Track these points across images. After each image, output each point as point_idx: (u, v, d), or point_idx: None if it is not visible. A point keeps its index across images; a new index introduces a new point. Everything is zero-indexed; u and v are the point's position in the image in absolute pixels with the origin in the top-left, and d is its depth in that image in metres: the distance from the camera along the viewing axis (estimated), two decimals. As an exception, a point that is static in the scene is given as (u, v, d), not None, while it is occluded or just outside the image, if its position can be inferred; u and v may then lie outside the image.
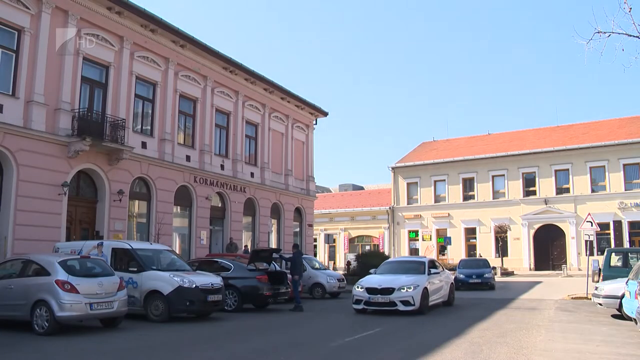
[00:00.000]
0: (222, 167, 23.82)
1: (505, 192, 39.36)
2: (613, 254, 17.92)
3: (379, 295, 13.47)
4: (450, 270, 34.77)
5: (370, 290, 13.64)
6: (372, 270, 15.90)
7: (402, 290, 13.34)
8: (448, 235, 39.74)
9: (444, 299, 15.69)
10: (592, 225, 18.88)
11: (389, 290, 13.40)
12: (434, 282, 14.78)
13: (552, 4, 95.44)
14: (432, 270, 15.07)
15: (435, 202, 41.97)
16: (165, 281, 12.23)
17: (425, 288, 13.81)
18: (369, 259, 26.93)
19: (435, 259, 20.53)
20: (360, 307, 13.74)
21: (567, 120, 67.20)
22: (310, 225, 31.36)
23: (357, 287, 14.08)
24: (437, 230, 41.47)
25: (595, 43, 9.52)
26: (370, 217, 44.85)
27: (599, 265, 23.35)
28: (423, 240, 41.95)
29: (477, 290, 21.94)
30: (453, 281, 17.36)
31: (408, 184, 43.42)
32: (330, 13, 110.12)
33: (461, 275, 22.94)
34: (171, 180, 20.82)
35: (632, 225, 34.52)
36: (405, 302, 13.23)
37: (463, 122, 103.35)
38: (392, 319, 12.67)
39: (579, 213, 34.96)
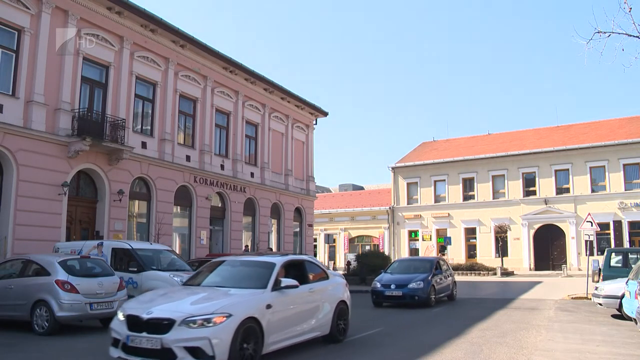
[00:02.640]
0: (222, 167, 23.83)
1: (505, 192, 39.35)
2: (613, 254, 17.90)
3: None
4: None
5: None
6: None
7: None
8: (448, 235, 39.74)
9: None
10: (592, 225, 18.87)
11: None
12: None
13: (552, 4, 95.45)
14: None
15: (435, 202, 41.95)
16: (165, 281, 12.23)
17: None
18: (369, 259, 26.96)
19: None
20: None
21: (567, 120, 67.22)
22: (310, 225, 31.37)
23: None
24: (437, 230, 41.45)
25: (595, 43, 9.50)
26: (370, 217, 44.84)
27: (599, 265, 23.34)
28: (423, 240, 41.93)
29: (398, 308, 15.30)
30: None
31: (408, 184, 43.41)
32: (330, 13, 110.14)
33: (378, 284, 16.12)
34: (171, 180, 20.82)
35: (632, 225, 34.50)
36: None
37: (463, 122, 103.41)
38: (393, 318, 12.68)
39: (579, 213, 34.95)
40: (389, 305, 15.96)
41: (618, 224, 34.69)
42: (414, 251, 41.94)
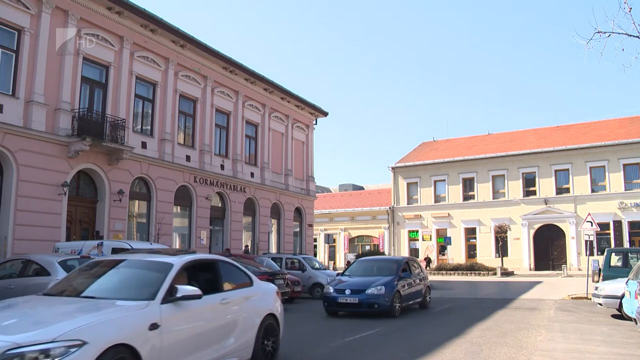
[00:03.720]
0: (222, 167, 23.83)
1: (505, 192, 39.36)
2: (613, 254, 17.90)
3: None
4: (450, 270, 35.40)
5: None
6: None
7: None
8: (448, 235, 39.80)
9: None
10: (592, 225, 18.88)
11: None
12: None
13: (552, 4, 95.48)
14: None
15: (435, 202, 41.96)
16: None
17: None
18: (369, 259, 26.95)
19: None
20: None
21: (567, 120, 67.26)
22: (310, 225, 31.37)
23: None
24: (437, 230, 41.46)
25: (595, 43, 9.51)
26: (370, 217, 44.84)
27: (599, 265, 23.34)
28: (423, 240, 41.95)
29: (356, 318, 12.68)
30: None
31: (408, 184, 43.42)
32: (330, 13, 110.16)
33: (330, 289, 13.54)
34: (171, 180, 20.82)
35: (632, 225, 34.51)
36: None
37: (463, 122, 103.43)
38: (392, 319, 12.67)
39: (579, 213, 34.96)
40: (345, 314, 13.43)
41: (618, 224, 34.70)
42: (414, 251, 41.94)
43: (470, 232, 40.42)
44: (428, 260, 38.34)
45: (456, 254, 39.65)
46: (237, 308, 6.66)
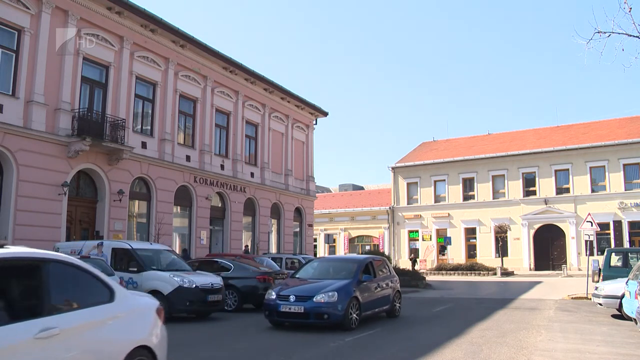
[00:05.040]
0: (222, 167, 23.83)
1: (505, 192, 39.36)
2: (613, 254, 17.91)
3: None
4: (450, 270, 35.36)
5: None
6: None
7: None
8: (448, 235, 39.80)
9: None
10: (592, 225, 18.89)
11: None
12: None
13: (552, 3, 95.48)
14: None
15: (435, 202, 41.96)
16: (165, 281, 12.24)
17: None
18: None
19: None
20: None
21: (567, 120, 67.17)
22: (310, 225, 31.37)
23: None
24: (437, 230, 41.46)
25: (595, 43, 9.50)
26: (370, 217, 44.84)
27: (599, 265, 23.35)
28: (423, 240, 41.95)
29: (300, 332, 10.44)
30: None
31: (408, 184, 43.42)
32: (330, 13, 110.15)
33: (273, 294, 11.03)
34: (171, 180, 20.82)
35: (632, 225, 34.50)
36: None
37: (463, 122, 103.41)
38: (392, 319, 12.67)
39: (579, 213, 34.95)
40: (291, 325, 11.08)
41: (618, 224, 34.70)
42: (414, 251, 41.95)
43: (470, 232, 40.42)
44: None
45: (456, 254, 39.65)
46: (73, 344, 4.19)
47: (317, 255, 40.84)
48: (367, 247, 43.27)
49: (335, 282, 11.09)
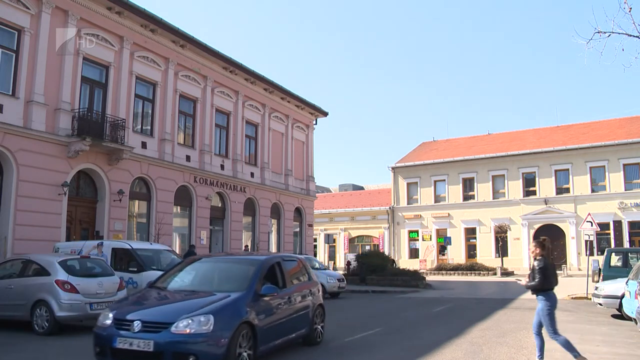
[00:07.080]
0: (222, 167, 23.83)
1: (505, 192, 39.37)
2: (613, 254, 17.91)
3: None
4: (450, 270, 35.33)
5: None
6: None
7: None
8: (448, 235, 39.79)
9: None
10: (592, 225, 18.88)
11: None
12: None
13: (552, 3, 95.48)
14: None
15: (435, 202, 41.97)
16: (165, 281, 12.22)
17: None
18: (369, 259, 26.93)
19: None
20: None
21: (567, 120, 67.23)
22: (310, 225, 31.37)
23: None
24: (437, 230, 41.47)
25: (595, 43, 9.48)
26: (370, 217, 44.85)
27: (599, 265, 23.35)
28: (423, 240, 41.96)
29: None
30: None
31: (408, 184, 43.42)
32: (330, 13, 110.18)
33: (108, 318, 6.60)
34: (171, 180, 20.82)
35: (632, 225, 34.51)
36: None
37: (463, 122, 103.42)
38: (392, 319, 12.66)
39: (579, 213, 34.95)
40: None
41: (618, 224, 34.70)
42: (414, 251, 41.96)
43: (470, 232, 40.43)
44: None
45: (456, 254, 39.65)
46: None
47: (317, 256, 40.82)
48: (367, 247, 43.30)
49: (215, 297, 6.89)
